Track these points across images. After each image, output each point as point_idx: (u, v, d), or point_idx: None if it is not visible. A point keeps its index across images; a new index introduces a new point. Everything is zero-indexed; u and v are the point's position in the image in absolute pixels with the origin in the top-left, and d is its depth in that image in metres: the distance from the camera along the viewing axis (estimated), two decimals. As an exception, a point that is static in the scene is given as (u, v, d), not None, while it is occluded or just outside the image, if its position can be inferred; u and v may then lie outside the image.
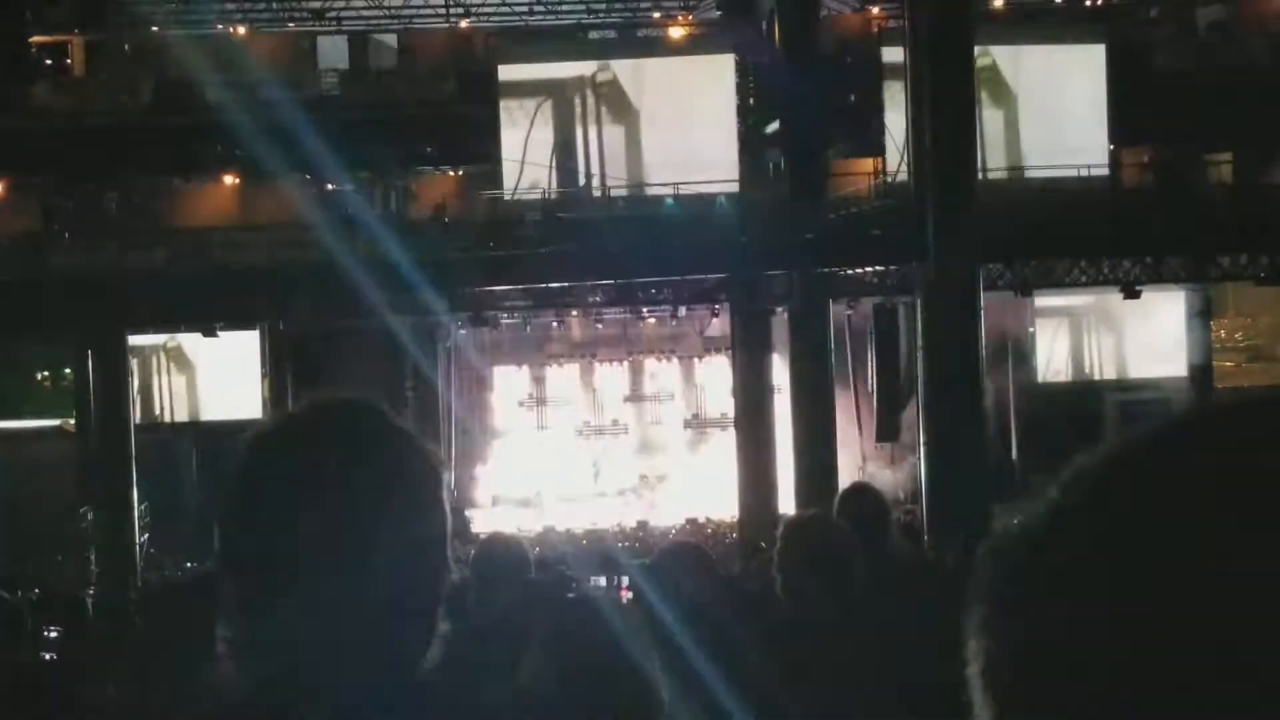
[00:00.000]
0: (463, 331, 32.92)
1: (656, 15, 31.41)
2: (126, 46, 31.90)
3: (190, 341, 29.67)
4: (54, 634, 9.25)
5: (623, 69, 29.49)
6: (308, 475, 1.66)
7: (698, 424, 35.43)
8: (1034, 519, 0.82)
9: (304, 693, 1.62)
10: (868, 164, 28.19)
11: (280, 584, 1.63)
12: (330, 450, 1.68)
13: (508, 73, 29.35)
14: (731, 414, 29.56)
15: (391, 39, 32.73)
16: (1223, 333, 33.46)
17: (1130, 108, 28.72)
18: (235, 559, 1.68)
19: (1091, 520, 0.78)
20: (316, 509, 1.63)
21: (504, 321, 31.52)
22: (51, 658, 8.25)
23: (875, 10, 31.07)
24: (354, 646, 1.62)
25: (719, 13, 30.74)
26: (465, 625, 4.84)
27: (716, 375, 34.81)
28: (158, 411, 30.35)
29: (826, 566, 4.92)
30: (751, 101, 29.07)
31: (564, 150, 28.92)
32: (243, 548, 1.67)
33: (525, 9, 31.83)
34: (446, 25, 32.46)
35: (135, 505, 25.88)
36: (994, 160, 27.87)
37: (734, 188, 28.23)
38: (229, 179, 31.24)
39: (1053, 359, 32.07)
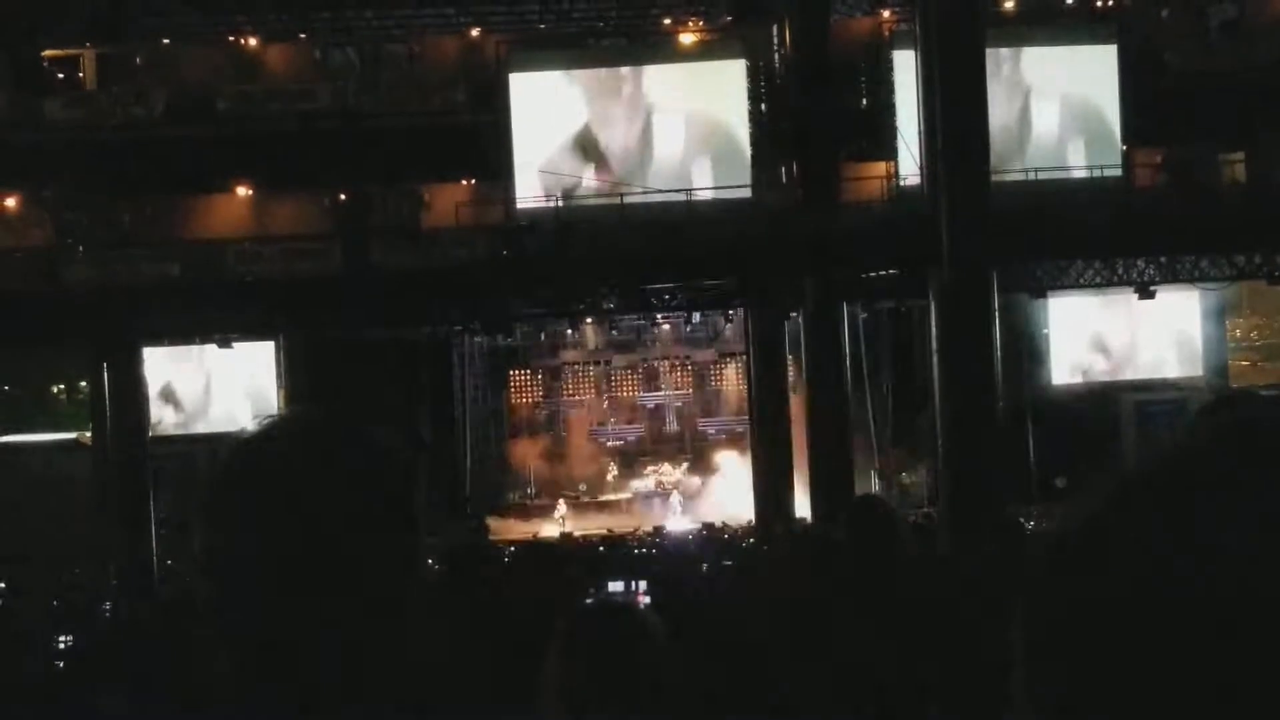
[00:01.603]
0: (478, 339, 32.96)
1: (667, 21, 31.39)
2: (138, 59, 31.98)
3: (207, 353, 29.76)
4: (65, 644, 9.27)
5: (634, 75, 29.52)
6: (274, 486, 1.69)
7: (713, 425, 35.43)
8: (1085, 527, 0.82)
9: (284, 691, 1.65)
10: (880, 167, 28.15)
11: (250, 592, 1.66)
12: (296, 461, 1.71)
13: (519, 81, 29.38)
14: (746, 417, 29.57)
15: (402, 48, 32.77)
16: (1238, 332, 33.40)
17: (1143, 108, 28.68)
18: (210, 567, 1.71)
19: (1146, 526, 0.78)
20: (282, 519, 1.66)
21: (518, 328, 31.56)
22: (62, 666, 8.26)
23: (886, 13, 31.01)
24: (327, 648, 1.66)
25: (730, 18, 30.73)
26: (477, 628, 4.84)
27: (731, 379, 34.83)
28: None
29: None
30: (763, 106, 29.05)
31: (576, 157, 28.93)
32: (215, 557, 1.71)
33: (535, 16, 31.82)
34: (457, 34, 32.50)
35: (153, 517, 25.93)
36: (1007, 162, 27.84)
37: (746, 193, 28.23)
38: (242, 190, 31.29)
39: (1067, 360, 32.00)
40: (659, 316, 32.47)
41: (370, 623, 1.69)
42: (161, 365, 29.76)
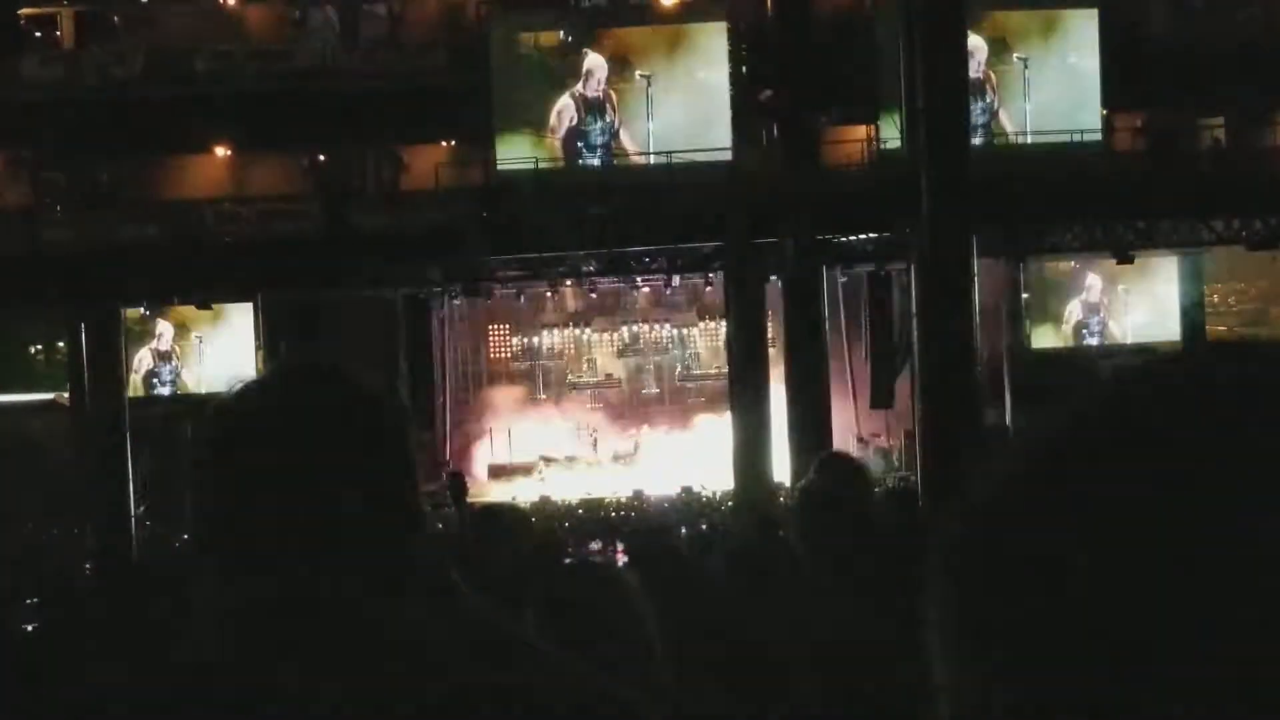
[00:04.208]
0: (457, 301, 32.92)
1: (649, -18, 31.24)
2: (116, 18, 31.76)
3: (185, 313, 29.67)
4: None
5: (615, 37, 29.40)
6: (266, 442, 1.67)
7: (692, 388, 35.45)
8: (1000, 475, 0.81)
9: (277, 653, 1.62)
10: (861, 131, 28.12)
11: (246, 552, 1.64)
12: (288, 415, 1.70)
13: (500, 42, 29.26)
14: (725, 381, 29.59)
15: (382, 8, 32.57)
16: (1216, 297, 33.49)
17: (1124, 73, 28.64)
18: (204, 527, 1.70)
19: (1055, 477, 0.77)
20: (276, 476, 1.64)
21: (498, 291, 31.51)
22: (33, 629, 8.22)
23: (867, -24, 30.90)
24: (322, 608, 1.63)
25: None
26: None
27: (711, 343, 34.86)
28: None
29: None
30: (744, 69, 28.98)
31: (556, 119, 28.84)
32: (209, 516, 1.69)
33: (517, -23, 31.65)
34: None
35: (131, 478, 25.89)
36: (986, 126, 27.85)
37: (727, 156, 28.17)
38: (220, 151, 31.15)
39: (1044, 324, 32.03)
40: (639, 280, 32.43)
41: (374, 579, 1.66)
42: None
